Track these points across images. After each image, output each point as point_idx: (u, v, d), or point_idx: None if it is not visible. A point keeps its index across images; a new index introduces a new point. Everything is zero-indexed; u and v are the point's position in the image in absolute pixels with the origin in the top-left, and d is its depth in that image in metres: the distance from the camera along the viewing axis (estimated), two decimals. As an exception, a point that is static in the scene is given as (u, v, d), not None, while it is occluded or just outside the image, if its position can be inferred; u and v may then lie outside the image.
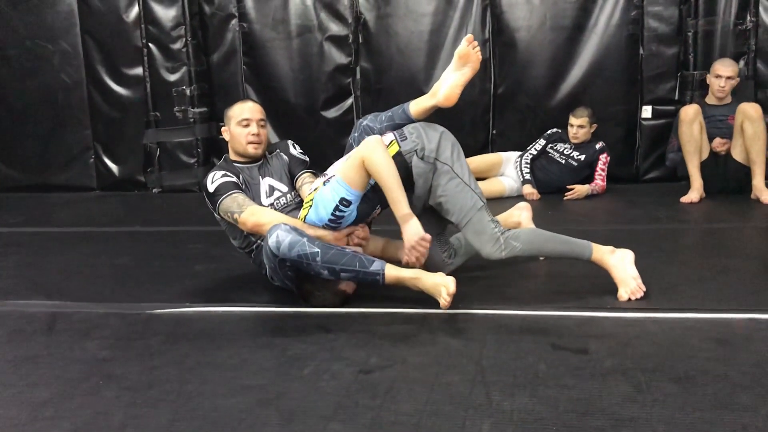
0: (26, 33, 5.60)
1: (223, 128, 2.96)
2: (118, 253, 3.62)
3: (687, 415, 1.69)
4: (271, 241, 2.43)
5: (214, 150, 5.62)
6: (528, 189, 4.69)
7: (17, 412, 1.85)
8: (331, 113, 5.42)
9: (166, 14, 5.32)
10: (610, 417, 1.69)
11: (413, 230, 2.46)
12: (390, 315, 2.48)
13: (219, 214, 2.76)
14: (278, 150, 3.01)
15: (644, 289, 2.56)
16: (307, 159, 3.00)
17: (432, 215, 2.71)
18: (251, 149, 2.86)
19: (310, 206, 2.59)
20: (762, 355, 2.02)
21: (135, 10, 5.37)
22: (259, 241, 2.79)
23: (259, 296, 2.76)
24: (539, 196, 4.68)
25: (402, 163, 2.56)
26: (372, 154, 2.47)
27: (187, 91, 5.38)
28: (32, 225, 4.55)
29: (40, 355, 2.24)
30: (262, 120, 2.90)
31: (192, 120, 5.43)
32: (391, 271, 2.49)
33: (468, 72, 2.68)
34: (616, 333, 2.23)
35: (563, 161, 4.78)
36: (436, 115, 5.38)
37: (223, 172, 2.80)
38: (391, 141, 2.61)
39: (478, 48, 2.67)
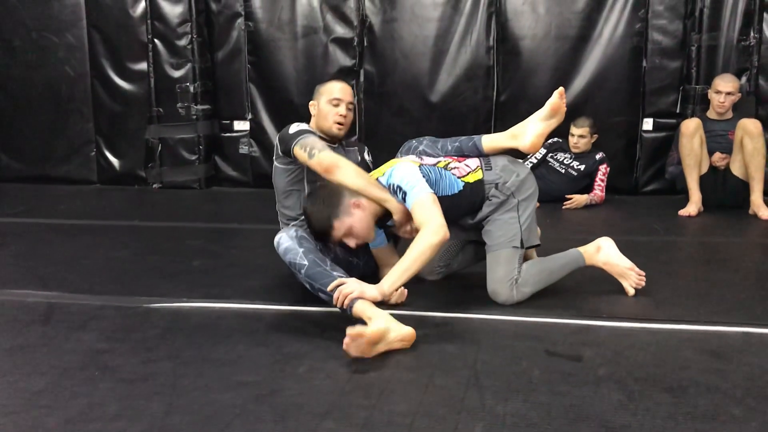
0: (32, 25, 5.61)
1: (311, 102, 2.96)
2: (117, 246, 3.63)
3: (678, 425, 1.70)
4: (276, 239, 2.54)
5: (216, 148, 5.64)
6: (527, 197, 4.70)
7: (12, 401, 1.86)
8: (334, 115, 5.42)
9: (173, 10, 5.33)
10: (602, 424, 1.70)
11: (367, 292, 2.29)
12: (386, 317, 2.48)
13: (292, 151, 2.70)
14: (356, 147, 3.04)
15: (644, 274, 2.71)
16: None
17: (463, 231, 2.78)
18: (335, 129, 2.86)
19: (391, 165, 2.60)
20: (754, 368, 2.03)
21: (141, 6, 5.39)
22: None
23: (256, 293, 2.77)
24: (538, 204, 4.66)
25: (479, 189, 2.61)
26: (430, 237, 2.35)
27: (191, 88, 5.39)
28: (32, 216, 4.56)
29: (36, 345, 2.25)
30: (351, 103, 2.91)
31: (195, 117, 5.44)
32: (359, 306, 2.27)
33: (554, 123, 2.71)
34: (611, 342, 2.25)
35: (563, 171, 4.80)
36: (436, 119, 5.40)
37: (308, 127, 2.82)
38: (477, 167, 2.66)
39: (565, 99, 2.71)
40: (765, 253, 3.60)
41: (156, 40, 5.39)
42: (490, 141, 2.72)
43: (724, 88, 4.42)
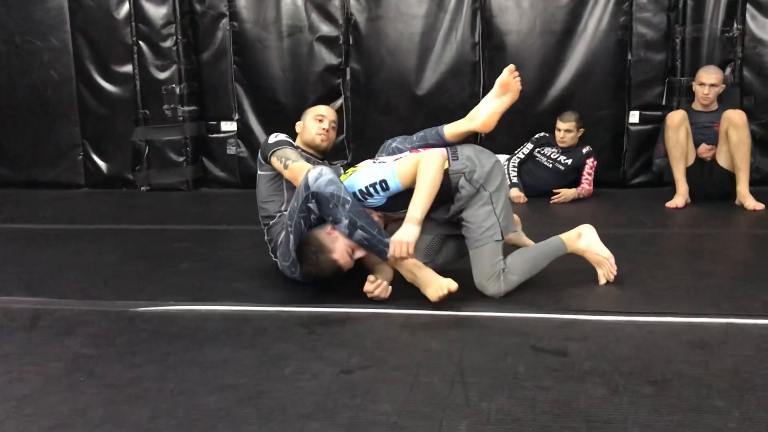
0: (15, 29, 5.58)
1: (297, 123, 3.18)
2: (104, 250, 3.62)
3: (661, 417, 1.71)
4: (313, 173, 2.55)
5: (203, 149, 5.63)
6: (515, 192, 4.72)
7: (-3, 408, 1.85)
8: (321, 114, 5.42)
9: (157, 12, 5.32)
10: (586, 418, 1.71)
11: (410, 233, 2.49)
12: (372, 316, 2.49)
13: (270, 161, 2.89)
14: (339, 165, 3.28)
15: (615, 268, 2.76)
16: None
17: (440, 226, 2.77)
18: (318, 139, 3.06)
19: (351, 174, 2.66)
20: (737, 359, 2.04)
21: (125, 8, 5.37)
22: (284, 214, 2.90)
23: (242, 295, 2.77)
24: (526, 199, 4.71)
25: (445, 179, 2.62)
26: (428, 162, 2.55)
27: (177, 90, 5.38)
28: (18, 221, 4.54)
29: (21, 351, 2.24)
30: (334, 122, 3.14)
31: (181, 118, 5.43)
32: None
33: (507, 100, 2.75)
34: (596, 336, 2.25)
35: (550, 165, 4.81)
36: (423, 116, 5.40)
37: (286, 137, 2.99)
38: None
39: (519, 78, 2.73)
40: (751, 243, 3.62)
41: (141, 42, 5.37)
42: (451, 127, 2.80)
43: (708, 79, 4.44)
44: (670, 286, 2.77)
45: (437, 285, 2.50)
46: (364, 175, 2.62)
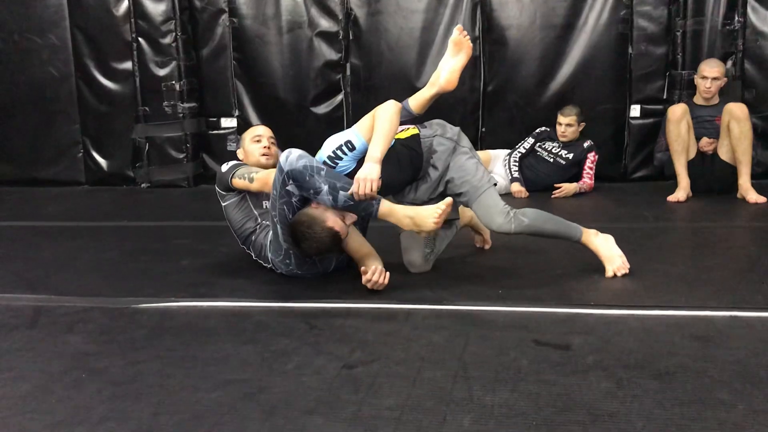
0: (14, 26, 5.56)
1: (238, 150, 3.31)
2: (105, 247, 3.61)
3: (665, 410, 1.70)
4: (282, 156, 2.59)
5: (203, 145, 5.61)
6: (516, 187, 4.71)
7: (-2, 405, 1.85)
8: (321, 109, 5.42)
9: (156, 8, 5.30)
10: (590, 412, 1.70)
11: (373, 171, 2.51)
12: (374, 311, 2.49)
13: (232, 186, 2.98)
14: None
15: (629, 266, 2.75)
16: None
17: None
18: (263, 159, 3.15)
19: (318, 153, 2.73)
20: (741, 352, 2.03)
21: (124, 4, 5.35)
22: (262, 224, 2.97)
23: (244, 291, 2.76)
24: (527, 194, 4.70)
25: (415, 143, 2.70)
26: (383, 108, 2.61)
27: (177, 86, 5.37)
28: (19, 219, 4.53)
29: (23, 349, 2.23)
30: (272, 138, 3.23)
31: (181, 115, 5.42)
32: (386, 204, 2.60)
33: (463, 57, 2.85)
34: (599, 329, 2.25)
35: (551, 160, 4.80)
36: (427, 112, 5.38)
37: (239, 162, 3.12)
38: (413, 127, 2.78)
39: (468, 36, 2.85)
40: (753, 236, 3.61)
41: (140, 39, 5.36)
42: (414, 98, 2.86)
43: (710, 73, 4.42)
44: (672, 280, 2.76)
45: (432, 213, 2.55)
46: (329, 144, 2.68)
